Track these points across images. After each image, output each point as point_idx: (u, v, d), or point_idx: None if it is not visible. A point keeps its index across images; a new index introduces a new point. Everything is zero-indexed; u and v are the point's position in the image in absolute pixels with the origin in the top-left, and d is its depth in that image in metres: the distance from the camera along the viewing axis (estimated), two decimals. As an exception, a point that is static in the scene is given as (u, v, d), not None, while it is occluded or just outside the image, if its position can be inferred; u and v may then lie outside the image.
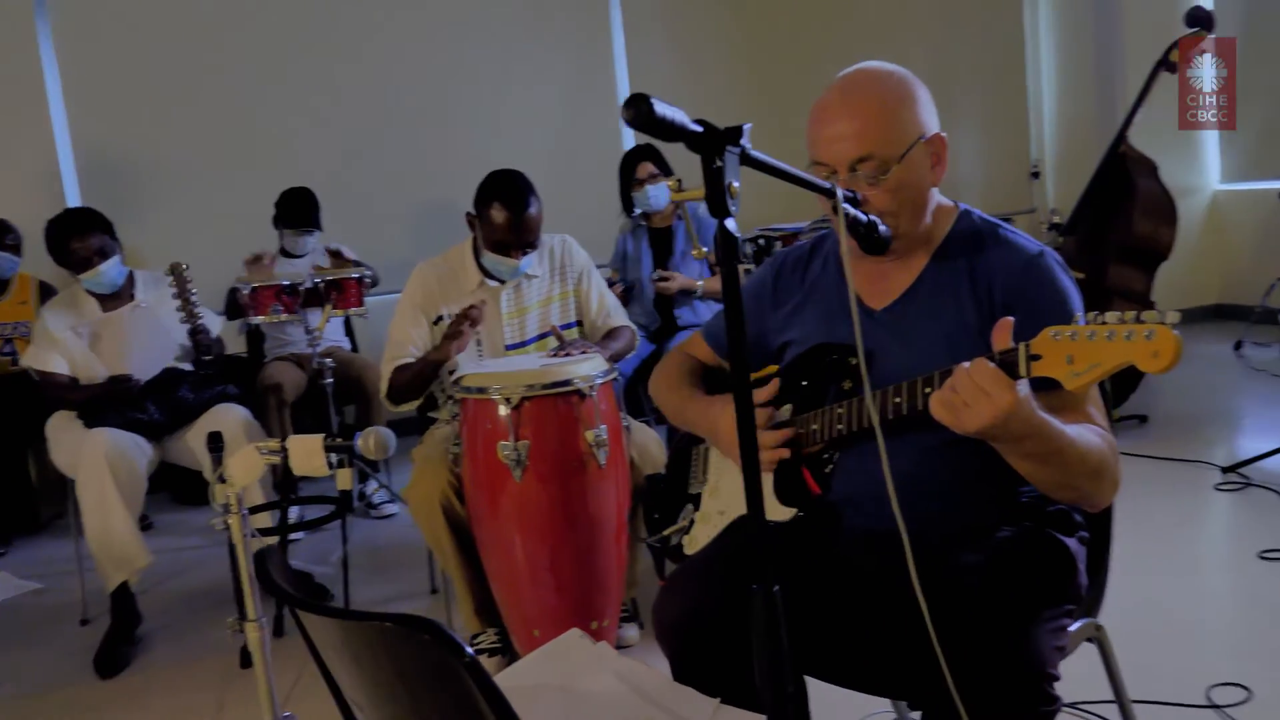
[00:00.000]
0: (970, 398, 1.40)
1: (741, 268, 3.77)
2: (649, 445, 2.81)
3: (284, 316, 3.93)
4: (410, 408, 3.03)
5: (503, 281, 3.00)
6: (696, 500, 1.99)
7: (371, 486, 4.40)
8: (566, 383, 2.53)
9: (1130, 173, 4.22)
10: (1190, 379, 5.14)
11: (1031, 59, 6.73)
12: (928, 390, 1.54)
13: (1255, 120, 5.81)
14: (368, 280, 4.08)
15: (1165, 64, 4.33)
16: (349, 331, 4.83)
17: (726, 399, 1.84)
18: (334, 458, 1.79)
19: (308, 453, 1.78)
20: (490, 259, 2.90)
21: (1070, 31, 6.59)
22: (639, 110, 1.06)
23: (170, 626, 3.38)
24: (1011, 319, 1.43)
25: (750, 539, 1.12)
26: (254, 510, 3.17)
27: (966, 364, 1.42)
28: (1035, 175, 6.61)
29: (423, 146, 5.61)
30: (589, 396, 2.56)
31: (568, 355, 2.73)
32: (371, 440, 1.80)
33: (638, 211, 4.33)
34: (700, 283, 4.19)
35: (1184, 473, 3.83)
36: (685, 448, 2.07)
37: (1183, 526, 3.42)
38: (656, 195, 4.22)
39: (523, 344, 3.03)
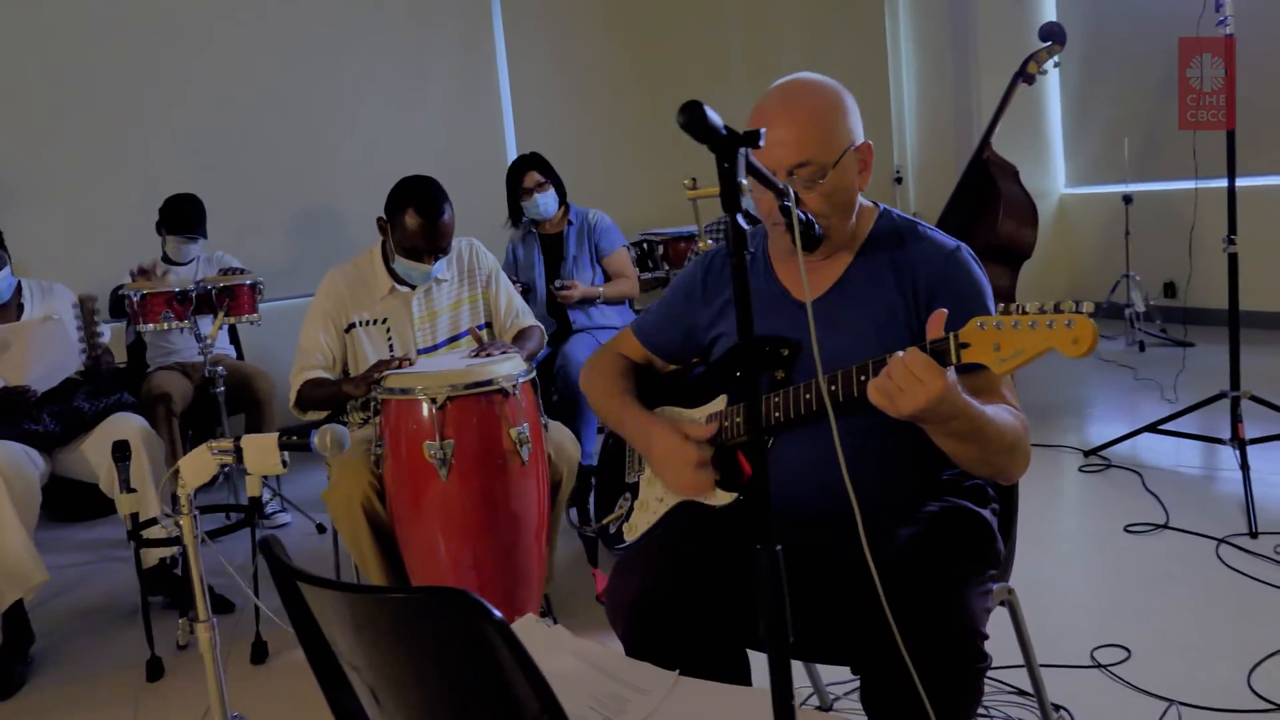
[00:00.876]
0: (905, 384, 1.54)
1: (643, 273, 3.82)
2: (564, 443, 2.88)
3: (175, 324, 3.83)
4: (318, 416, 3.01)
5: (413, 287, 3.02)
6: (634, 489, 2.07)
7: (265, 495, 4.33)
8: (489, 382, 2.59)
9: (994, 177, 4.51)
10: (1045, 371, 5.51)
11: (893, 72, 7.08)
12: (863, 378, 1.67)
13: (1098, 127, 6.26)
14: (260, 287, 4.01)
15: (1023, 75, 4.65)
16: (234, 339, 4.73)
17: (662, 421, 1.93)
18: (285, 456, 1.81)
19: (262, 451, 1.79)
20: (403, 264, 2.92)
21: (928, 46, 6.96)
22: (693, 115, 1.23)
23: (66, 644, 3.27)
24: (945, 311, 1.57)
25: (756, 504, 1.21)
26: (147, 524, 3.10)
27: (901, 353, 1.56)
28: (898, 180, 6.95)
29: (302, 152, 5.52)
30: (512, 395, 2.62)
31: (488, 355, 2.78)
32: (328, 437, 1.82)
33: (526, 219, 4.38)
34: (600, 289, 4.27)
35: (1050, 457, 4.13)
36: (620, 441, 2.16)
37: (1053, 505, 3.69)
38: (545, 203, 4.28)
39: (434, 347, 3.06)
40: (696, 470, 1.85)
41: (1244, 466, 3.35)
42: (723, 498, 1.88)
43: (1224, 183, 3.49)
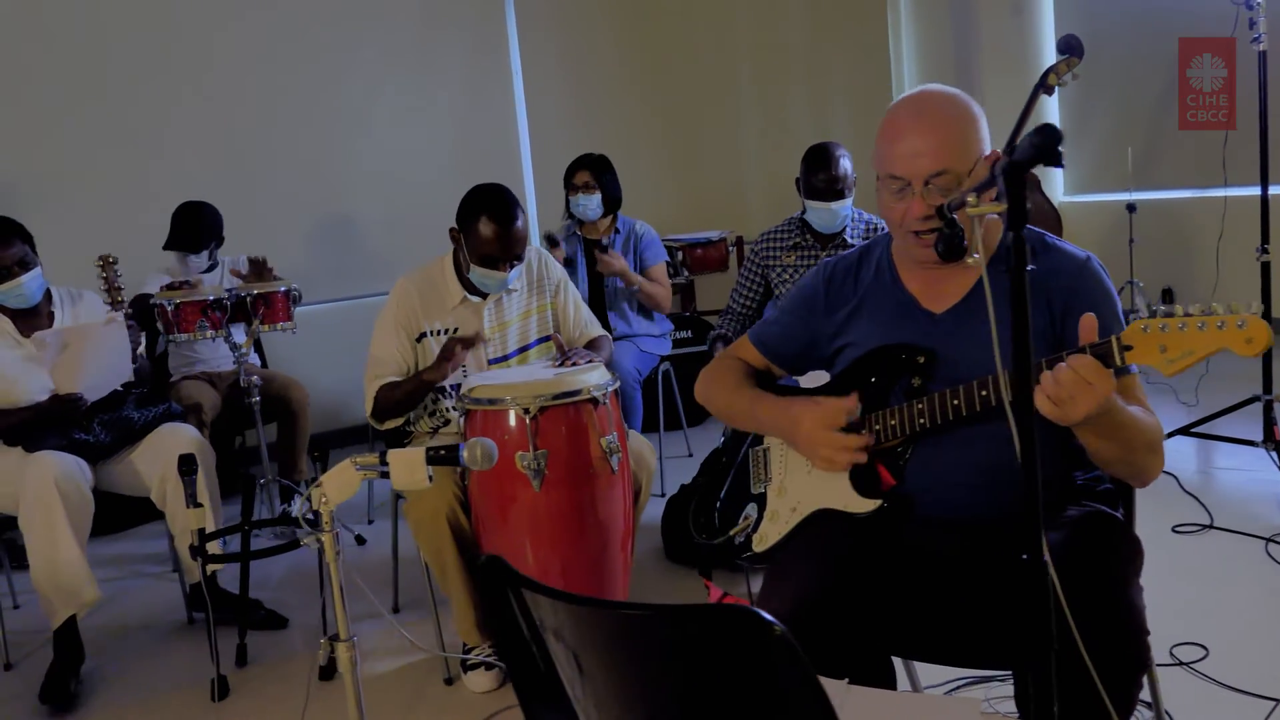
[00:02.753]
0: (1075, 390, 1.57)
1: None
2: (643, 452, 2.88)
3: (210, 333, 3.76)
4: (395, 424, 2.99)
5: (484, 296, 3.01)
6: (760, 499, 2.08)
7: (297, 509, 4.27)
8: (580, 391, 2.58)
9: (1017, 187, 4.58)
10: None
11: (896, 83, 7.17)
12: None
13: (1097, 136, 6.37)
14: (296, 294, 3.96)
15: (1043, 87, 4.73)
16: (258, 347, 4.66)
17: (803, 399, 1.95)
18: (430, 471, 1.79)
19: (409, 466, 1.77)
20: (478, 274, 2.91)
21: (931, 59, 7.06)
22: (1054, 139, 1.24)
23: (116, 662, 3.20)
24: (1094, 316, 1.61)
25: (1026, 513, 1.22)
26: (211, 536, 3.04)
27: (1064, 362, 1.59)
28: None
29: (314, 158, 5.45)
30: (602, 404, 2.62)
31: (574, 365, 2.78)
32: (478, 451, 1.81)
33: (572, 221, 4.39)
34: (639, 277, 4.28)
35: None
36: (738, 451, 2.17)
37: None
38: (587, 204, 4.29)
39: (505, 358, 3.05)
40: (844, 436, 1.86)
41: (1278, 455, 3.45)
42: (864, 506, 1.89)
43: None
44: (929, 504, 1.87)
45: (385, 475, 1.80)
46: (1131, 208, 5.80)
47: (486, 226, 2.85)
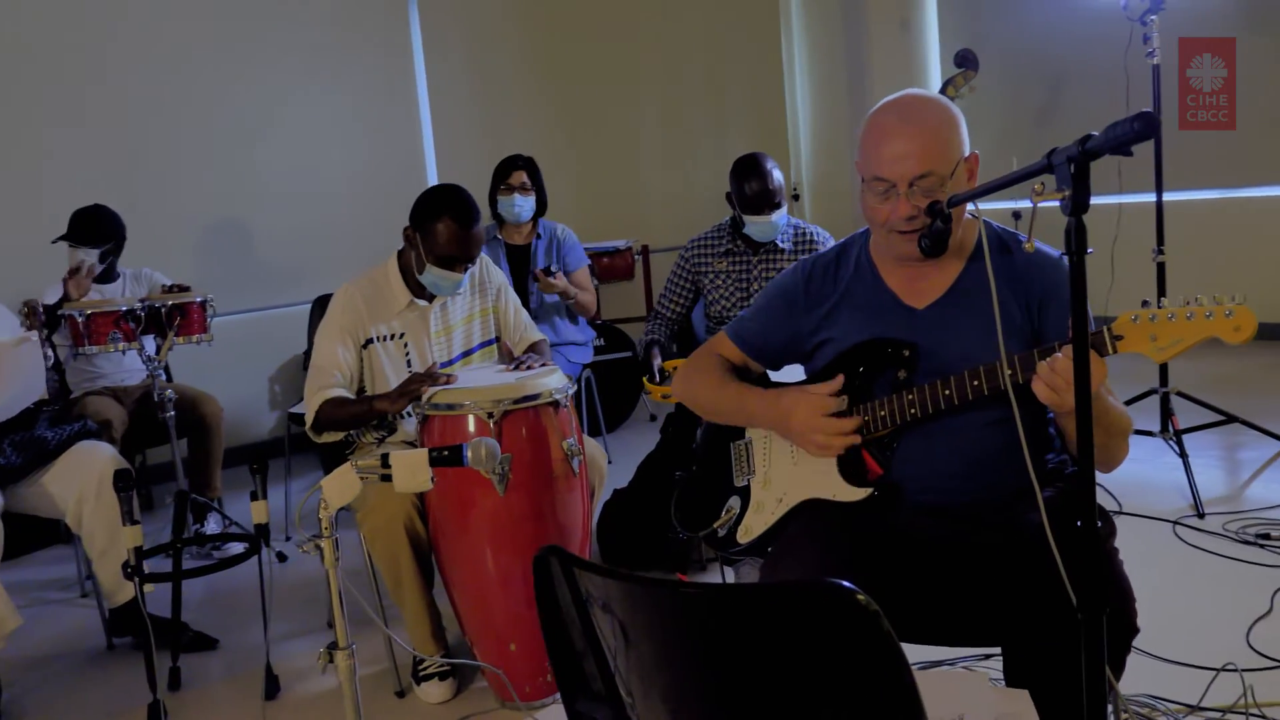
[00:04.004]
0: (1070, 378, 1.66)
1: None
2: (595, 455, 2.89)
3: (124, 345, 3.59)
4: (334, 439, 2.91)
5: (431, 299, 2.97)
6: (743, 492, 2.12)
7: (212, 526, 4.11)
8: (540, 395, 2.57)
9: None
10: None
11: (789, 93, 7.37)
12: (1009, 372, 1.79)
13: (983, 147, 6.65)
14: (212, 304, 3.81)
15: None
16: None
17: (792, 390, 2.00)
18: (363, 476, 1.75)
19: (412, 468, 1.74)
20: (433, 274, 2.86)
21: (822, 69, 7.29)
22: (1152, 123, 1.28)
23: (36, 692, 3.03)
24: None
25: (1083, 508, 1.27)
26: (150, 554, 2.91)
27: (1059, 352, 1.69)
28: (796, 197, 7.22)
29: (215, 167, 5.26)
30: (563, 407, 2.62)
31: (528, 369, 2.77)
32: (482, 451, 1.78)
33: (493, 226, 4.35)
34: (575, 291, 4.27)
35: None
36: (719, 445, 2.20)
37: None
38: (523, 206, 4.26)
39: (449, 362, 3.01)
40: (838, 420, 1.91)
41: (1183, 454, 3.67)
42: (854, 494, 1.95)
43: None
44: (916, 491, 1.94)
45: (387, 478, 1.76)
46: (1017, 214, 6.09)
47: (447, 226, 2.81)
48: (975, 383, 1.82)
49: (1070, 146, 1.29)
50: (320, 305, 4.54)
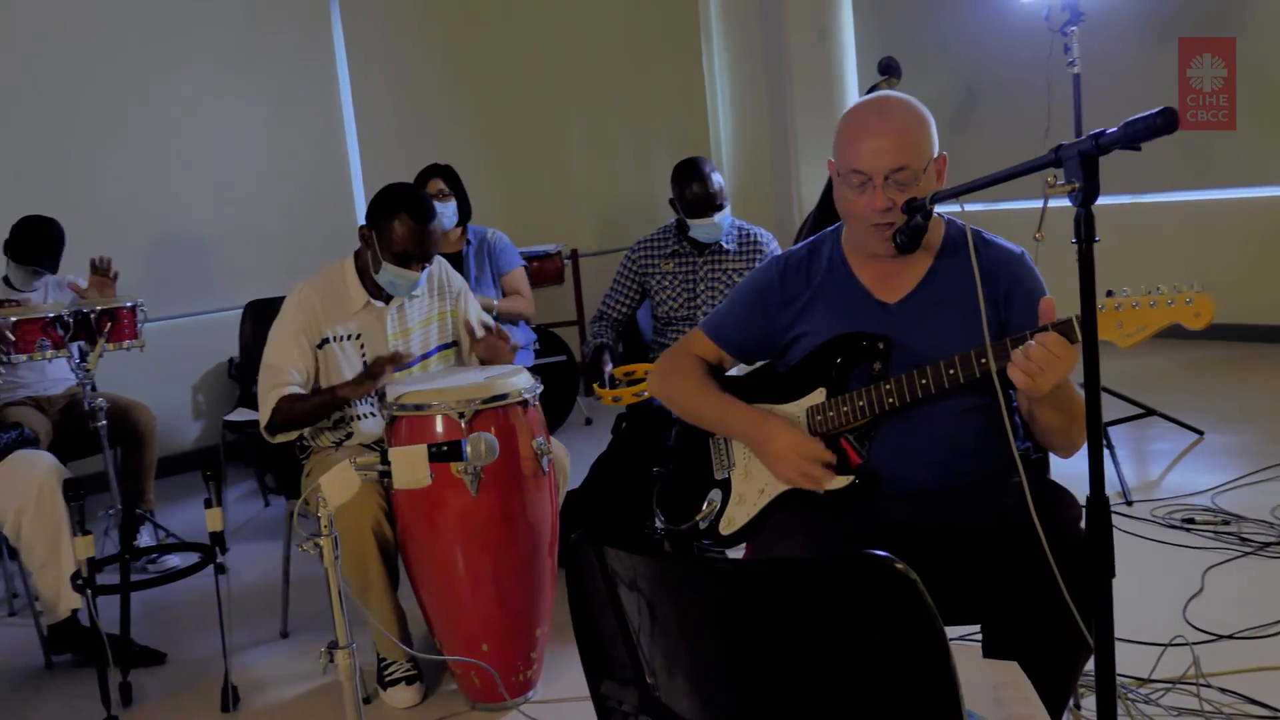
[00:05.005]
0: (1045, 363, 1.76)
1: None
2: (559, 455, 2.90)
3: (53, 353, 3.47)
4: (288, 439, 2.87)
5: (388, 301, 2.94)
6: (724, 484, 2.16)
7: (145, 538, 3.98)
8: (509, 394, 2.58)
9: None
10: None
11: (710, 103, 7.49)
12: (983, 360, 1.87)
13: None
14: (143, 309, 3.71)
15: (867, 105, 5.07)
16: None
17: (776, 418, 2.05)
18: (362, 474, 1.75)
19: (411, 464, 1.74)
20: (389, 273, 2.83)
21: (743, 76, 7.42)
22: (1173, 120, 1.34)
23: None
24: (1052, 298, 1.80)
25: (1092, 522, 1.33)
26: (102, 564, 2.82)
27: (1032, 340, 1.77)
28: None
29: (138, 171, 5.11)
30: (532, 406, 2.63)
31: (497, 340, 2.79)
32: (481, 446, 1.79)
33: None
34: (496, 301, 4.27)
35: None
36: (698, 439, 2.23)
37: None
38: (443, 213, 4.24)
39: (408, 365, 2.98)
40: (819, 465, 1.97)
41: (1110, 446, 3.84)
42: (836, 483, 2.00)
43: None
44: (894, 478, 2.01)
45: (385, 475, 1.75)
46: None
47: (404, 224, 2.79)
48: (951, 371, 1.90)
49: (1083, 140, 1.36)
50: (254, 309, 4.43)
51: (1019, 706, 1.51)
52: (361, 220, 5.65)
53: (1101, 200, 1.49)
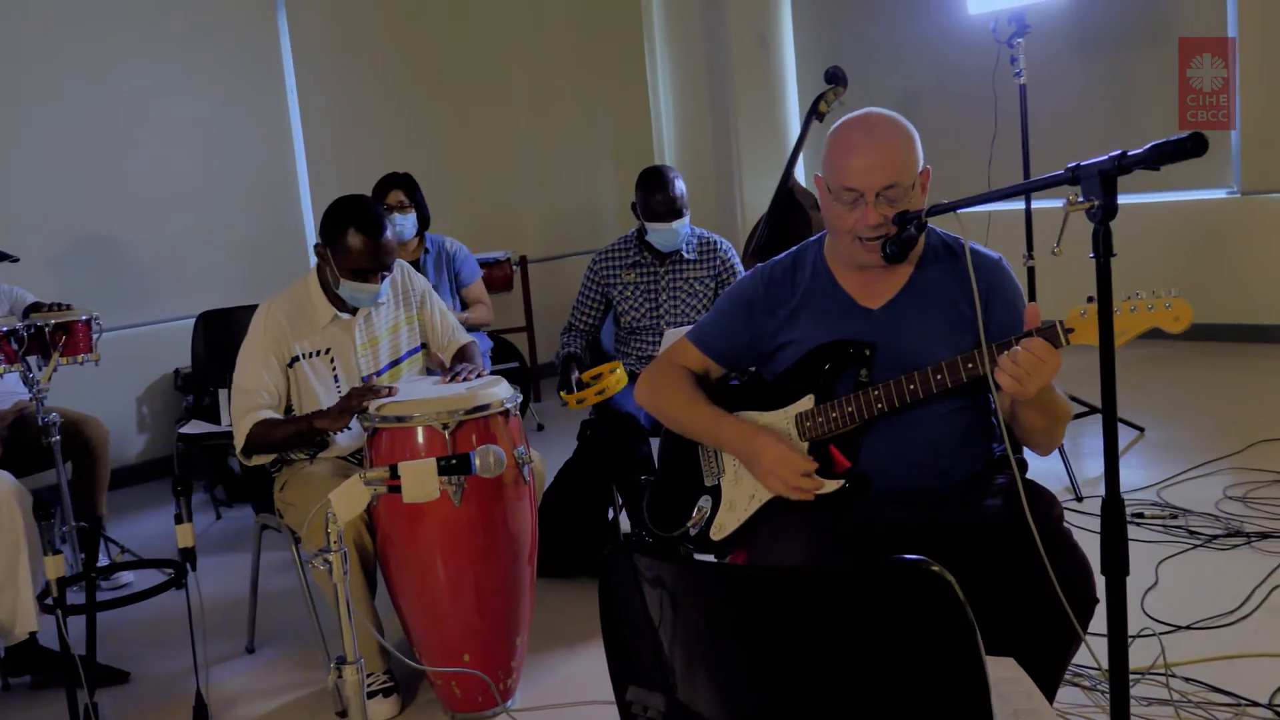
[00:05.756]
0: (1032, 368, 1.83)
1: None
2: (537, 464, 2.90)
3: (4, 368, 3.38)
4: (265, 460, 2.83)
5: (354, 313, 2.92)
6: (714, 491, 2.19)
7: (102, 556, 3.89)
8: (491, 405, 2.59)
9: (802, 206, 4.99)
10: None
11: (654, 108, 7.54)
12: (970, 365, 1.93)
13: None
14: (98, 322, 3.62)
15: (815, 114, 5.16)
16: (26, 383, 4.18)
17: (767, 431, 2.09)
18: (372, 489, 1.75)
19: (419, 478, 1.74)
20: (349, 288, 2.81)
21: (687, 84, 7.49)
22: (1201, 144, 1.37)
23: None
24: (1036, 305, 1.88)
25: (1109, 486, 1.39)
26: (71, 581, 2.75)
27: (1017, 346, 1.84)
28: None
29: (76, 178, 4.97)
30: (514, 415, 2.64)
31: (464, 380, 2.76)
32: (490, 458, 1.79)
33: None
34: (461, 315, 4.26)
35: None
36: (685, 447, 2.26)
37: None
38: (403, 224, 4.22)
39: (378, 373, 2.97)
40: (809, 479, 2.02)
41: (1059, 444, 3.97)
42: (827, 487, 2.05)
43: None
44: (882, 480, 2.06)
45: (395, 489, 1.75)
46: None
47: (355, 238, 2.77)
48: (939, 377, 1.96)
49: (1103, 160, 1.41)
50: (207, 321, 4.37)
51: (1023, 701, 1.56)
52: (310, 230, 5.75)
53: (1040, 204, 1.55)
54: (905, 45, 6.46)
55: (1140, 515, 3.49)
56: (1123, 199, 1.49)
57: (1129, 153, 1.43)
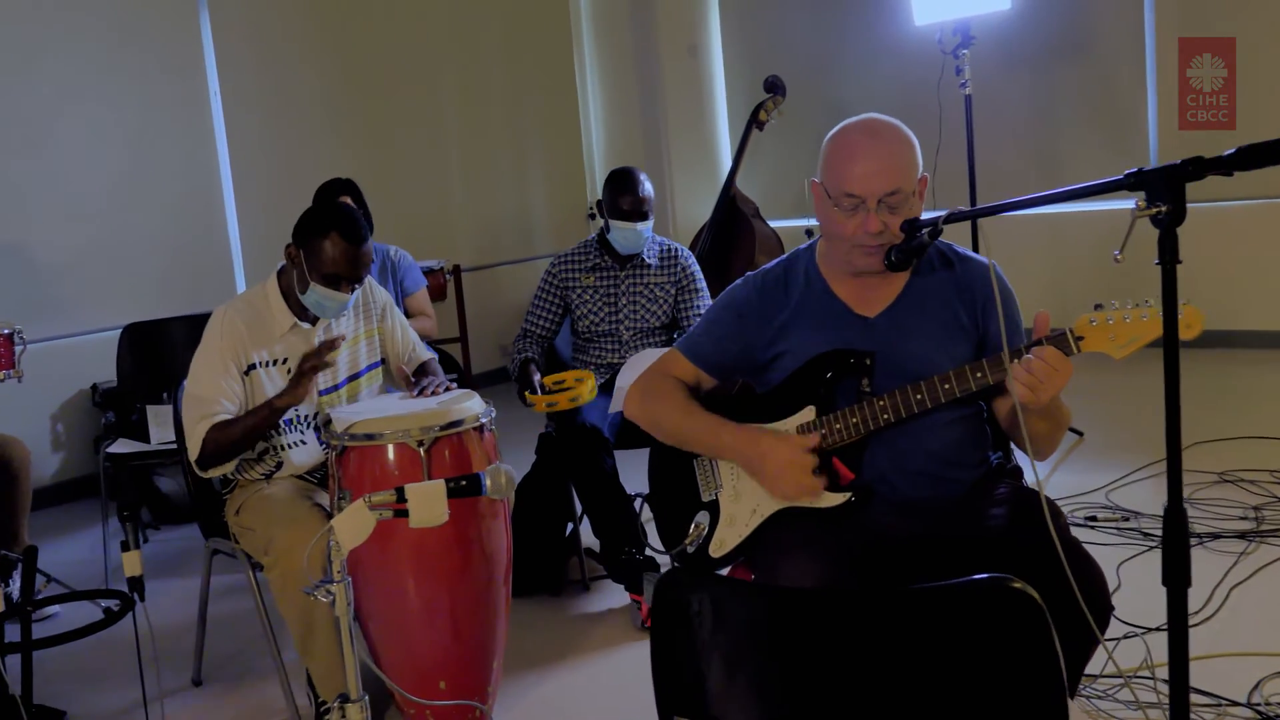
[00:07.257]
0: (1045, 375, 1.82)
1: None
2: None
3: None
4: (221, 472, 2.68)
5: (314, 322, 2.79)
6: (712, 506, 2.13)
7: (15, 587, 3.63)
8: (465, 420, 2.49)
9: (744, 214, 4.98)
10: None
11: (584, 117, 7.49)
12: (979, 375, 1.92)
13: (768, 169, 6.96)
14: (20, 335, 3.41)
15: (755, 123, 5.16)
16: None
17: (769, 434, 2.04)
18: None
19: (428, 500, 1.64)
20: (317, 294, 2.68)
21: (617, 93, 7.45)
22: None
23: None
24: (1047, 312, 1.88)
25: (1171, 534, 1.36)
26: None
27: (1029, 354, 1.83)
28: (592, 216, 7.30)
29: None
30: (488, 431, 2.54)
31: (433, 394, 2.66)
32: (501, 479, 1.70)
33: None
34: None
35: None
36: (679, 462, 2.20)
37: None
38: None
39: (336, 387, 2.84)
40: (814, 476, 1.98)
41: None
42: (832, 500, 2.01)
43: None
44: (885, 490, 2.03)
45: (401, 514, 1.65)
46: (810, 232, 6.45)
47: (335, 244, 2.64)
48: (947, 386, 1.94)
49: (1175, 165, 1.39)
50: (132, 334, 4.14)
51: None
52: (236, 240, 5.53)
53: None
54: (847, 55, 6.49)
55: (1093, 519, 3.55)
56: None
57: (1206, 158, 1.41)
